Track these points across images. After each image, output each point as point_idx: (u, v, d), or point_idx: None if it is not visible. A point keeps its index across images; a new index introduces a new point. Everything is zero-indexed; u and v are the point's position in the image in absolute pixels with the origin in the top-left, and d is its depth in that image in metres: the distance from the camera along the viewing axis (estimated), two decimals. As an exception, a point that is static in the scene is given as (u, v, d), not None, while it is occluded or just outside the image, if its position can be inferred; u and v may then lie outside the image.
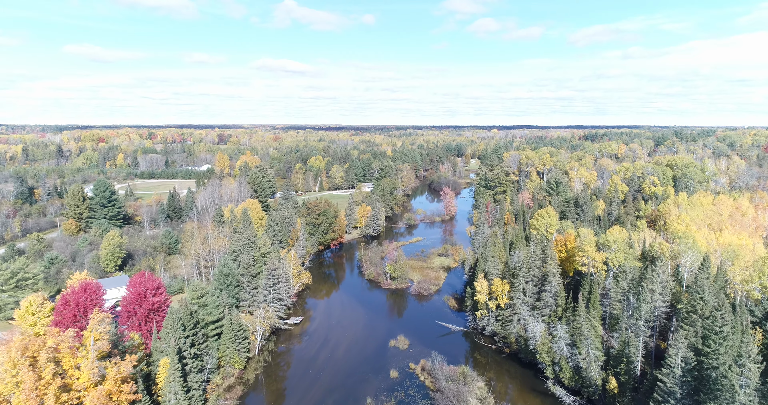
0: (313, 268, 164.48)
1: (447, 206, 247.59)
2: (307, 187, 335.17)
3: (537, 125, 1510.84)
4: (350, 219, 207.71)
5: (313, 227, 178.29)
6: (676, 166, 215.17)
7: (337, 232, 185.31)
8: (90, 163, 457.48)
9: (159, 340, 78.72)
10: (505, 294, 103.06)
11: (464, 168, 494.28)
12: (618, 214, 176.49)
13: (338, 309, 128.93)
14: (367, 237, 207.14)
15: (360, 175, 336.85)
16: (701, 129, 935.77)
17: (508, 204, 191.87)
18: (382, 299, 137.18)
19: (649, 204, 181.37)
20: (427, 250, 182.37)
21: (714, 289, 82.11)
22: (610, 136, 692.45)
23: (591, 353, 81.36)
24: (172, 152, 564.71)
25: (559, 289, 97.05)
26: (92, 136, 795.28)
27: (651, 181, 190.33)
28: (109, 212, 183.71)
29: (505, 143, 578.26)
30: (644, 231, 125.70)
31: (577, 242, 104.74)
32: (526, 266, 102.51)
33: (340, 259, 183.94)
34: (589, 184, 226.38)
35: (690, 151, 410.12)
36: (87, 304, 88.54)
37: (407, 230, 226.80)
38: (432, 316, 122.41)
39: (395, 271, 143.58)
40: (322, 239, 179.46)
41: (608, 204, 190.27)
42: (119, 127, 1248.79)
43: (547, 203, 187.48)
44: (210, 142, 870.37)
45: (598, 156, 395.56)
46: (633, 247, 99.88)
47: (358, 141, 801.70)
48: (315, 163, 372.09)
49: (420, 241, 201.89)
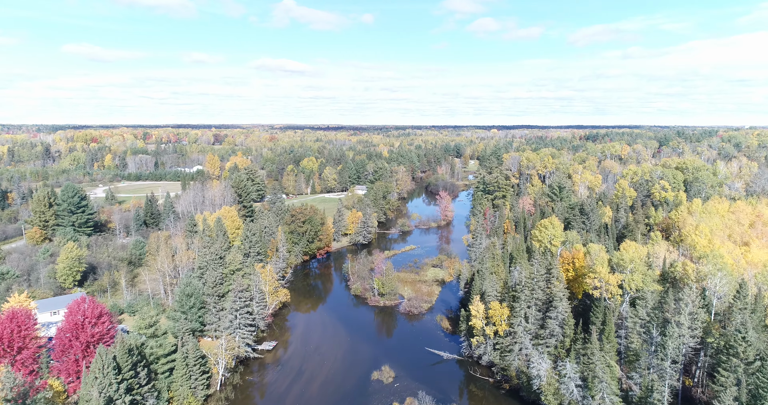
0: (296, 280, 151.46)
1: (443, 211, 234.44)
2: (299, 190, 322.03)
3: (537, 125, 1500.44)
4: (339, 226, 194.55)
5: (298, 236, 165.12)
6: (686, 170, 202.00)
7: (324, 241, 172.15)
8: (77, 165, 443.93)
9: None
10: (504, 319, 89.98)
11: (463, 169, 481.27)
12: (626, 222, 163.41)
13: (318, 331, 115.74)
14: (358, 245, 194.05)
15: (354, 178, 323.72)
16: (703, 129, 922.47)
17: (507, 210, 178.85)
18: (369, 318, 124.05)
19: (660, 211, 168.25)
20: (421, 261, 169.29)
21: (753, 321, 68.98)
22: (612, 137, 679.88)
23: (606, 399, 68.23)
24: (163, 153, 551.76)
25: (567, 317, 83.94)
26: (85, 136, 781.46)
27: (661, 185, 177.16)
28: (77, 219, 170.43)
29: (505, 144, 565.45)
30: (659, 244, 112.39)
31: (586, 260, 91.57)
32: (528, 287, 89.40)
33: (327, 269, 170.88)
34: (593, 188, 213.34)
35: (696, 152, 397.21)
36: (14, 337, 75.41)
37: (401, 237, 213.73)
38: (422, 339, 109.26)
39: (383, 287, 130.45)
40: (307, 249, 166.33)
41: (615, 210, 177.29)
42: (116, 126, 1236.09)
43: (549, 209, 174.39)
44: (205, 142, 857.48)
45: (601, 157, 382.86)
46: (652, 268, 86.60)
47: (356, 141, 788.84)
48: (308, 165, 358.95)
49: (413, 249, 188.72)
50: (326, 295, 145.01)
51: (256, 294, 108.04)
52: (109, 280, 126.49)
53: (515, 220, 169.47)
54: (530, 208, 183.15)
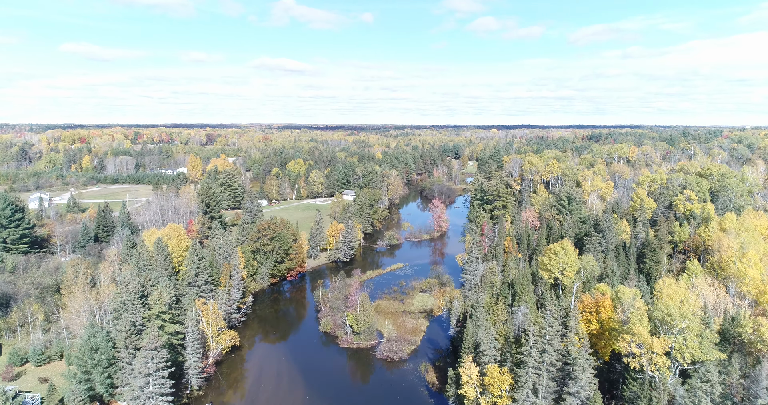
0: (260, 309, 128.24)
1: (437, 222, 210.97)
2: (283, 195, 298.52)
3: (537, 125, 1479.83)
4: (317, 240, 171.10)
5: (264, 255, 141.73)
6: (711, 176, 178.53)
7: (297, 260, 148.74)
8: (53, 167, 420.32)
9: None
10: (505, 390, 66.73)
11: (461, 171, 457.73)
12: (646, 240, 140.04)
13: (271, 384, 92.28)
14: (338, 262, 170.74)
15: (342, 182, 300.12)
16: (707, 129, 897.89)
17: (508, 224, 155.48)
18: (338, 365, 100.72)
19: (686, 226, 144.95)
20: (408, 283, 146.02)
21: None
22: (615, 137, 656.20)
23: None
24: (147, 154, 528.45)
25: (593, 395, 60.53)
26: (72, 136, 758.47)
27: (686, 196, 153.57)
28: (10, 235, 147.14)
29: (505, 145, 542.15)
30: (699, 278, 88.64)
31: (616, 311, 68.04)
32: (537, 348, 66.07)
33: (300, 293, 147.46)
34: (605, 196, 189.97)
35: (708, 154, 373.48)
36: None
37: (389, 251, 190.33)
38: (401, 399, 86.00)
39: (357, 324, 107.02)
40: (275, 270, 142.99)
41: (632, 224, 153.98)
42: (111, 126, 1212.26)
43: (557, 224, 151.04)
44: (197, 142, 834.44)
45: (608, 160, 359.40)
46: (710, 326, 62.95)
47: (352, 141, 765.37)
48: (294, 168, 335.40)
49: (401, 268, 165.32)
50: (291, 330, 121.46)
51: (190, 343, 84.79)
52: (20, 316, 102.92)
53: (517, 237, 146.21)
54: (534, 221, 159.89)
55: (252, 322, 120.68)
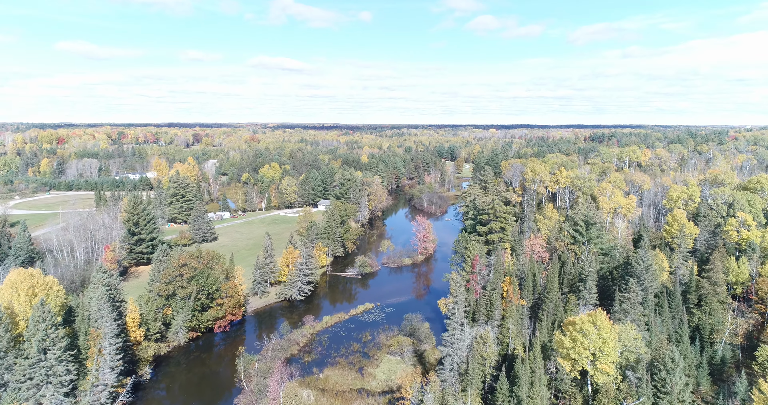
0: (164, 379, 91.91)
1: (421, 242, 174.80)
2: (252, 205, 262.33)
3: (536, 124, 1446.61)
4: (264, 273, 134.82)
5: (180, 302, 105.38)
6: (761, 191, 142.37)
7: (228, 306, 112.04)
8: (8, 170, 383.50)
9: None
10: None
11: (456, 175, 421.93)
12: (690, 282, 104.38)
13: None
14: (294, 300, 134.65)
15: (319, 190, 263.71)
16: (711, 129, 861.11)
17: (508, 256, 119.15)
18: None
19: (744, 262, 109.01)
20: (376, 336, 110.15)
21: None
22: (618, 137, 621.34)
23: None
24: (122, 155, 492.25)
25: None
26: (50, 136, 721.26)
27: (740, 219, 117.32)
28: None
29: (504, 146, 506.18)
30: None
31: None
32: None
33: (231, 350, 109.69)
34: (625, 213, 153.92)
35: (725, 156, 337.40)
36: None
37: (361, 281, 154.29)
38: None
39: (280, 430, 70.86)
40: (195, 321, 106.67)
41: (668, 255, 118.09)
42: (102, 125, 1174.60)
43: (572, 256, 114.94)
44: (183, 142, 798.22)
45: (617, 164, 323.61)
46: None
47: (344, 142, 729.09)
48: (267, 173, 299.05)
49: (370, 310, 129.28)
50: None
51: None
52: None
53: (520, 277, 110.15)
54: (542, 252, 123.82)
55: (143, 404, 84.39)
